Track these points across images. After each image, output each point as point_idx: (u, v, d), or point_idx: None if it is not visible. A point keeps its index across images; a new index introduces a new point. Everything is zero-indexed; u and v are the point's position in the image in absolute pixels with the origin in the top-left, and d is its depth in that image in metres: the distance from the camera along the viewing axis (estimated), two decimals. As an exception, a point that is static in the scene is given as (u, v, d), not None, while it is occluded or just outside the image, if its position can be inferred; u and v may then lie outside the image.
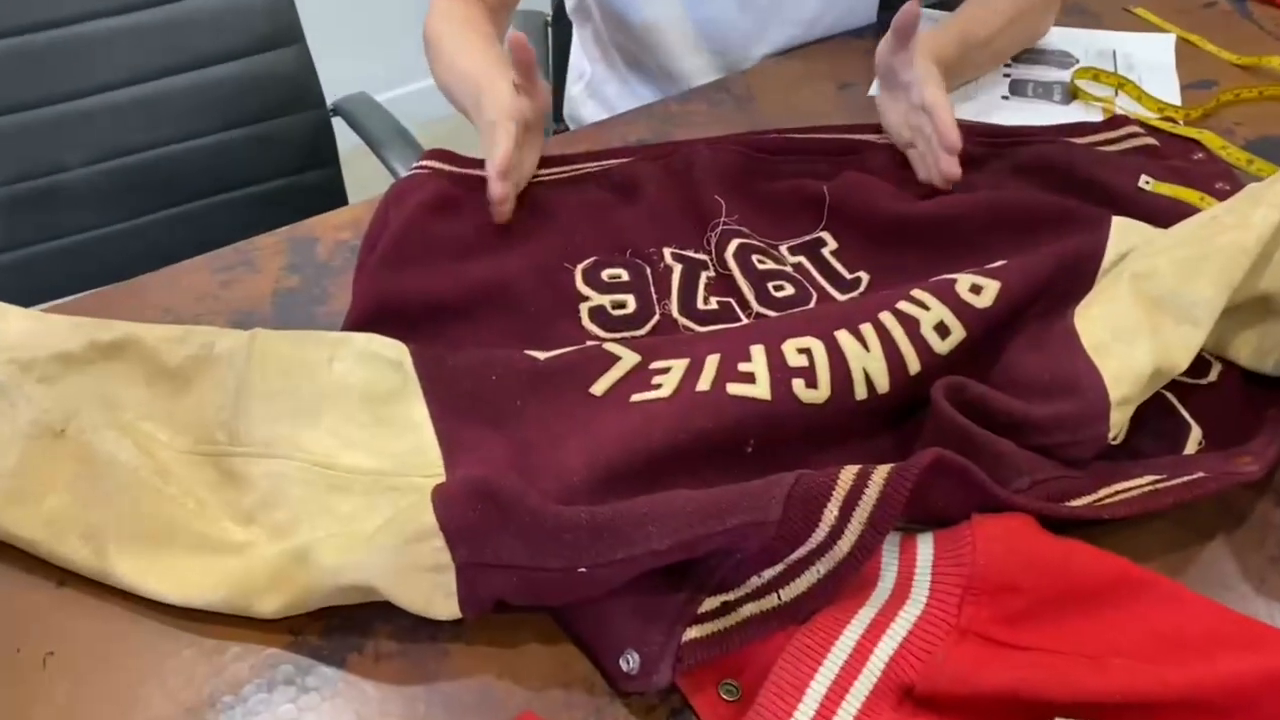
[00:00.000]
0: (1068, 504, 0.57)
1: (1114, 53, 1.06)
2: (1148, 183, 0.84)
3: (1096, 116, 0.96)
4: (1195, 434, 0.65)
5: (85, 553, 0.58)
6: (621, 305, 0.75)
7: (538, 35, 1.35)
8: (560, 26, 1.35)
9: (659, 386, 0.63)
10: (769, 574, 0.54)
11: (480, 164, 0.84)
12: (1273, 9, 1.14)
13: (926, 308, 0.66)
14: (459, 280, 0.74)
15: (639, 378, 0.65)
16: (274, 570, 0.57)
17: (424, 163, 0.84)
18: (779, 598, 0.54)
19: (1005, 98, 1.01)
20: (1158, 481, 0.58)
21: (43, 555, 0.59)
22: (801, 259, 0.80)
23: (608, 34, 1.14)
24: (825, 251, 0.81)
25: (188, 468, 0.62)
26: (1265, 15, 1.13)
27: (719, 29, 1.08)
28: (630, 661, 0.53)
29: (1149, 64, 1.06)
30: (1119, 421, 0.60)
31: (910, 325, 0.65)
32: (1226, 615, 0.52)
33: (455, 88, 0.92)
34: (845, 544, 0.52)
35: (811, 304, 0.76)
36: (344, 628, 0.57)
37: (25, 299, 0.68)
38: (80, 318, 0.67)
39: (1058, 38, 1.09)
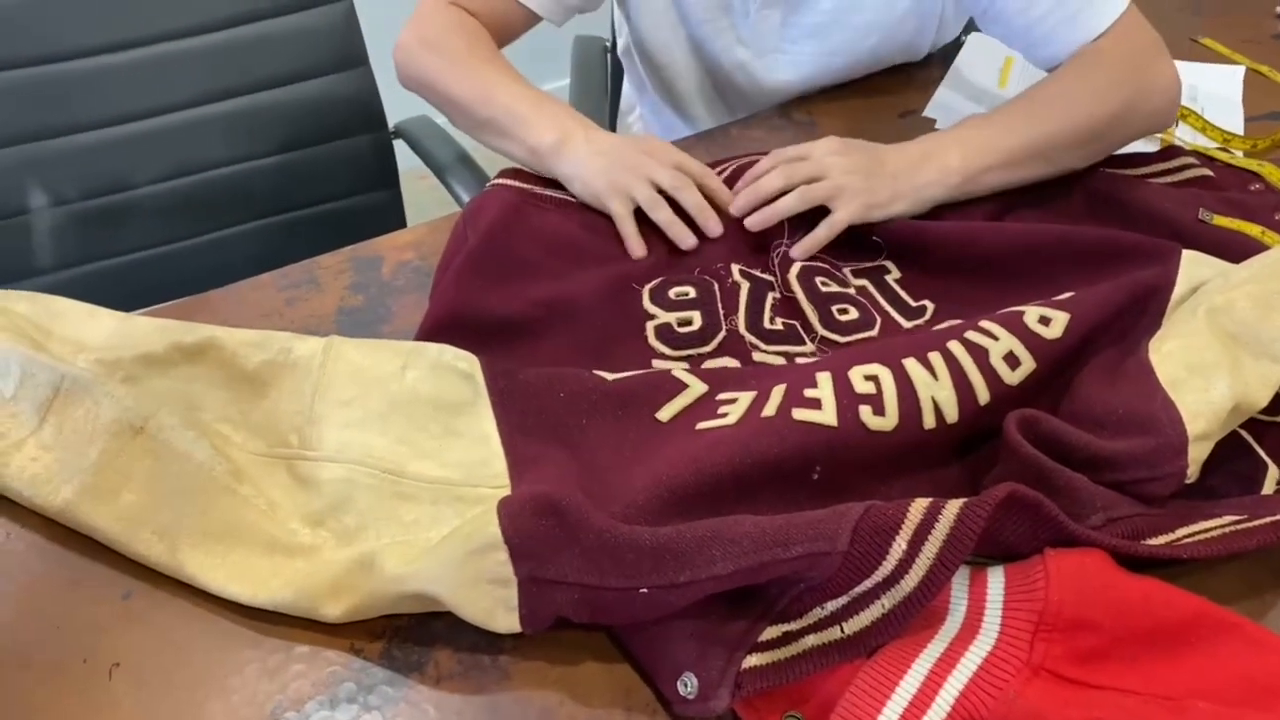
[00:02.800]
0: (1145, 542, 0.56)
1: (1179, 84, 1.05)
2: (1207, 216, 0.83)
3: (1154, 147, 0.95)
4: (1273, 473, 0.63)
5: (159, 549, 0.60)
6: (688, 322, 0.75)
7: (597, 60, 1.36)
8: (618, 53, 1.36)
9: (725, 415, 0.63)
10: (832, 606, 0.53)
11: (550, 184, 0.85)
12: (1345, 41, 1.12)
13: (995, 338, 0.65)
14: (529, 297, 0.75)
15: (705, 406, 0.65)
16: (339, 575, 0.57)
17: (498, 181, 0.85)
18: (842, 630, 0.53)
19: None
20: (1239, 522, 0.57)
21: (118, 549, 0.60)
22: (865, 282, 0.80)
23: (646, 75, 1.14)
24: (889, 279, 0.80)
25: (261, 469, 0.63)
26: (1338, 47, 1.12)
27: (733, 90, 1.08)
28: (688, 685, 0.52)
29: (1213, 95, 1.05)
30: (1197, 458, 0.59)
31: (979, 355, 0.64)
32: (1313, 661, 0.51)
33: (510, 111, 0.87)
34: (912, 578, 0.52)
35: (875, 328, 0.75)
36: (406, 647, 0.57)
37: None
38: (165, 320, 0.68)
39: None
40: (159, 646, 0.57)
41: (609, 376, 0.67)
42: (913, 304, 0.78)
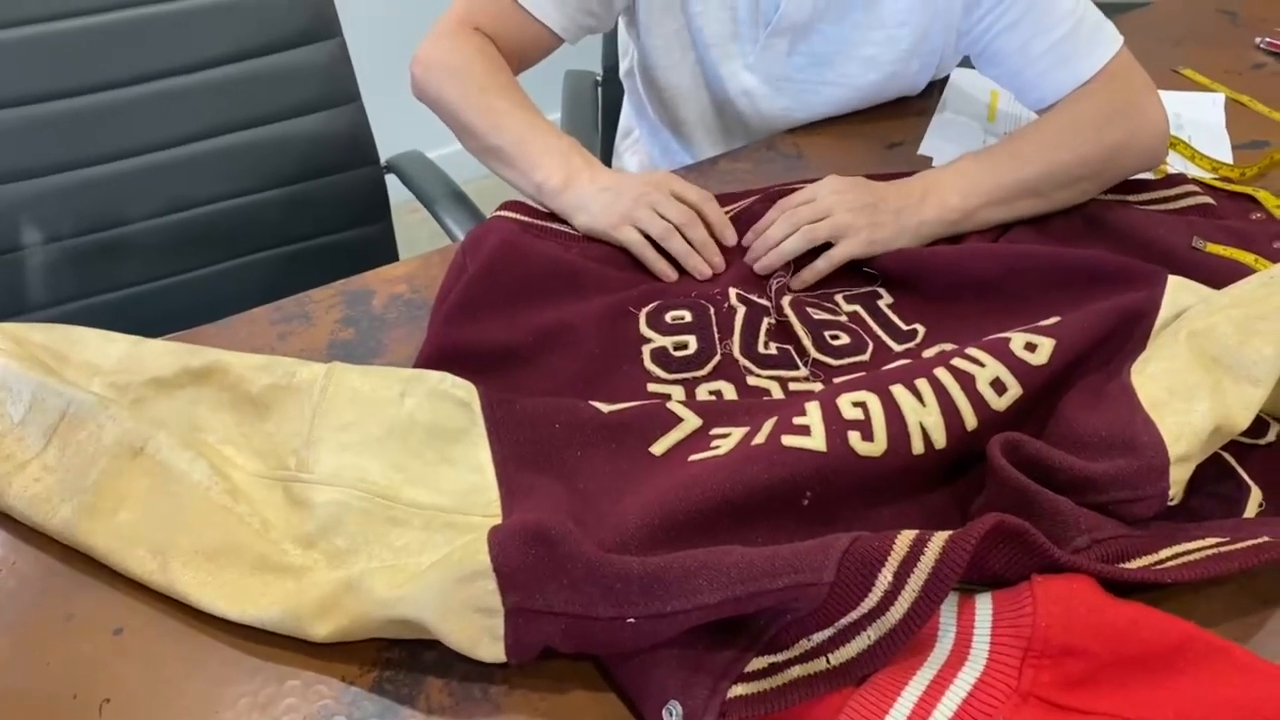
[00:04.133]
0: (1129, 565, 0.56)
1: (1163, 112, 1.06)
2: (1200, 243, 0.84)
3: (1148, 176, 0.96)
4: (1255, 496, 0.64)
5: (151, 565, 0.60)
6: (683, 346, 0.76)
7: (587, 95, 1.38)
8: (609, 87, 1.38)
9: (716, 448, 0.64)
10: (818, 637, 0.54)
11: (553, 215, 0.86)
12: (1324, 69, 1.14)
13: (982, 365, 0.66)
14: (527, 325, 0.75)
15: (699, 441, 0.65)
16: (327, 595, 0.57)
17: (500, 212, 0.86)
18: (828, 661, 0.53)
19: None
20: (1221, 544, 0.57)
21: (113, 566, 0.61)
22: (857, 308, 0.81)
23: (647, 98, 1.16)
24: (881, 304, 0.81)
25: (258, 490, 0.64)
26: (1316, 76, 1.13)
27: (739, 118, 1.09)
28: (673, 713, 0.52)
29: (1198, 123, 1.06)
30: (1179, 479, 0.60)
31: (966, 381, 0.65)
32: (1300, 685, 0.51)
33: (526, 140, 0.89)
34: (897, 611, 0.52)
35: (868, 352, 0.76)
36: (398, 679, 0.57)
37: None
38: (175, 343, 0.71)
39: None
40: (150, 682, 0.57)
41: (605, 408, 0.67)
42: (904, 328, 0.79)
